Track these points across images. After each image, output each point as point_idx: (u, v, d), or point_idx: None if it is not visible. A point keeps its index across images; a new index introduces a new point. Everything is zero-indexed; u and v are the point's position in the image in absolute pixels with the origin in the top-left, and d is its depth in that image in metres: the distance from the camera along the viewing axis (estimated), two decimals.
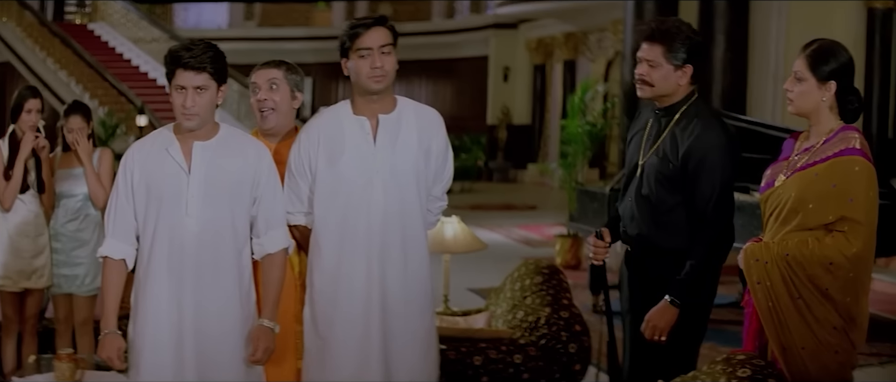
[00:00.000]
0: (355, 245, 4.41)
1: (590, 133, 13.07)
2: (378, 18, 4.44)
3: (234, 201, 4.32)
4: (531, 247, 15.01)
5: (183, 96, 4.19)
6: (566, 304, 6.45)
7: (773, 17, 14.01)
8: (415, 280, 4.49)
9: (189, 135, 4.30)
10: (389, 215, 4.42)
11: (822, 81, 4.23)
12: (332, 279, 4.43)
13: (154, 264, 4.27)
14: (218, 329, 4.29)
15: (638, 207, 4.67)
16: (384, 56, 4.38)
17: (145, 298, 4.29)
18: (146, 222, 4.30)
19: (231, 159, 4.32)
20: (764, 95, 14.01)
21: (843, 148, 4.17)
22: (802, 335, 4.19)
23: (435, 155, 4.55)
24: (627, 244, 4.80)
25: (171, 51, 4.24)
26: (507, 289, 6.85)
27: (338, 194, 4.42)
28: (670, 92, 4.60)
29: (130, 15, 28.74)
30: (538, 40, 26.94)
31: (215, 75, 4.23)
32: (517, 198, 22.73)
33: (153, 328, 4.27)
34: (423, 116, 4.56)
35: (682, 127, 4.56)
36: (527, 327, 6.34)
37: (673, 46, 4.53)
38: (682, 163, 4.52)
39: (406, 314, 4.46)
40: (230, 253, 4.32)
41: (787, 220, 4.24)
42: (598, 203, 10.30)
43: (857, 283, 4.17)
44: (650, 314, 4.55)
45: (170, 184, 4.26)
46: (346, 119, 4.47)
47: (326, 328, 4.45)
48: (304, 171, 4.49)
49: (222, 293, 4.29)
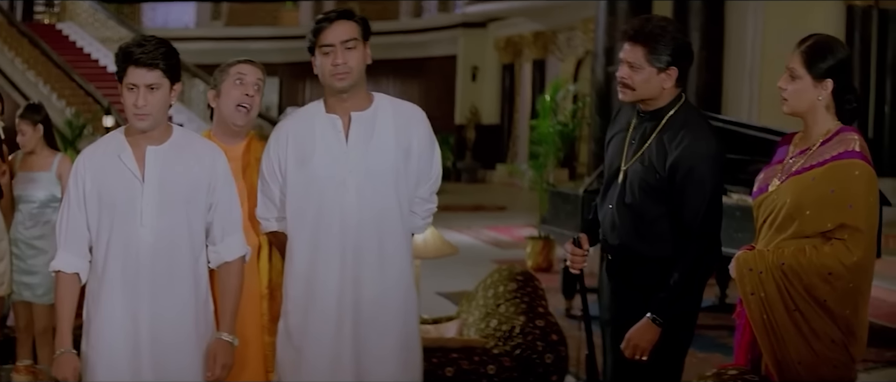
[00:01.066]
0: (328, 249, 4.23)
1: (561, 133, 12.93)
2: (342, 12, 4.25)
3: (191, 208, 4.16)
4: (501, 249, 14.92)
5: (135, 95, 4.01)
6: (542, 312, 6.27)
7: (750, 16, 13.94)
8: (393, 286, 4.30)
9: (142, 138, 4.12)
10: (364, 218, 4.24)
11: (818, 80, 4.03)
12: (304, 284, 4.27)
13: (108, 276, 4.10)
14: (175, 341, 4.13)
15: (620, 216, 4.44)
16: (348, 52, 4.19)
17: (99, 312, 4.12)
18: (99, 232, 4.13)
19: (186, 163, 4.16)
20: (740, 94, 13.92)
21: (841, 151, 3.97)
22: (799, 348, 3.99)
23: (417, 154, 4.35)
24: (608, 253, 4.59)
25: (122, 48, 4.06)
26: (479, 296, 6.65)
27: (309, 196, 4.25)
28: (654, 96, 4.37)
29: (98, 15, 28.95)
30: (507, 39, 26.90)
31: (168, 73, 4.06)
32: (486, 199, 22.61)
33: (108, 343, 4.10)
34: (402, 112, 4.38)
35: (669, 135, 4.34)
36: (501, 336, 6.16)
37: (656, 48, 4.29)
38: (669, 173, 4.30)
39: (381, 320, 4.27)
40: (186, 262, 4.16)
41: (782, 227, 4.04)
42: (571, 205, 10.13)
43: (857, 294, 3.98)
44: (631, 333, 4.34)
45: (123, 193, 4.09)
46: (317, 118, 4.30)
47: (300, 338, 4.28)
48: (274, 174, 4.33)
49: (179, 303, 4.13)
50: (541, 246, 12.67)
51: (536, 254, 12.66)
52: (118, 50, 4.07)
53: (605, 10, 13.10)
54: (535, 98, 24.00)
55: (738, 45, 13.90)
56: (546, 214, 10.90)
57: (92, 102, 23.26)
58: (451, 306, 9.52)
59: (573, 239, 4.66)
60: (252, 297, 4.56)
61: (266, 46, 31.07)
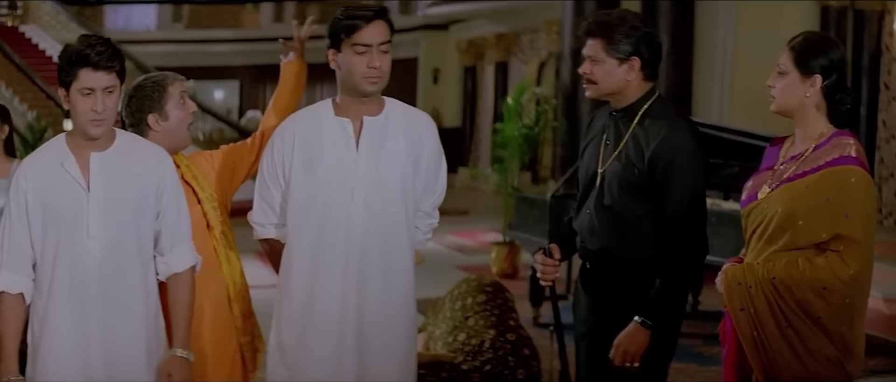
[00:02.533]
0: (331, 264, 3.99)
1: (526, 137, 12.76)
2: (379, 11, 4.00)
3: (139, 217, 3.94)
4: (465, 255, 14.73)
5: (92, 100, 3.77)
6: (513, 325, 6.13)
7: (721, 16, 13.80)
8: (397, 303, 4.08)
9: (85, 145, 3.89)
10: (370, 231, 4.00)
11: (806, 76, 3.84)
12: (303, 300, 4.02)
13: (55, 295, 3.87)
14: (128, 362, 3.92)
15: (599, 218, 4.25)
16: (383, 55, 3.96)
17: (46, 334, 3.89)
18: (44, 248, 3.88)
19: (132, 168, 3.94)
20: (710, 96, 13.78)
21: (836, 156, 3.77)
22: (792, 367, 3.78)
23: (425, 165, 4.13)
24: (586, 260, 4.39)
25: (72, 50, 3.80)
26: (446, 308, 6.46)
27: (313, 205, 4.00)
28: (618, 89, 4.20)
29: (60, 17, 28.75)
30: (469, 42, 26.77)
31: (120, 74, 3.85)
32: (448, 203, 21.84)
33: (57, 366, 3.87)
34: (413, 120, 4.15)
35: (645, 128, 4.16)
36: (470, 351, 5.99)
37: (613, 38, 4.14)
38: (648, 168, 4.11)
39: (385, 343, 4.05)
40: (137, 276, 3.94)
41: (773, 238, 3.82)
42: (539, 211, 9.94)
43: (853, 308, 3.77)
44: (620, 339, 4.12)
45: (68, 204, 3.86)
46: (326, 121, 4.04)
47: (295, 356, 4.05)
48: (277, 178, 4.07)
49: (131, 320, 3.91)
50: (506, 252, 12.48)
51: (501, 260, 12.48)
52: (65, 52, 3.83)
53: (571, 11, 12.94)
54: (497, 101, 23.93)
55: (709, 46, 13.77)
56: (513, 220, 10.73)
57: (53, 106, 23.04)
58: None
59: (543, 249, 4.45)
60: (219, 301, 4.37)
61: (227, 49, 30.88)
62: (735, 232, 7.69)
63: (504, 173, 12.85)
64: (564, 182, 10.29)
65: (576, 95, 12.78)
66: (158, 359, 3.98)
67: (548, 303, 9.64)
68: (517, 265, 12.39)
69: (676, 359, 7.67)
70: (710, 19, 13.79)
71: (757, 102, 13.48)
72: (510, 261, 12.44)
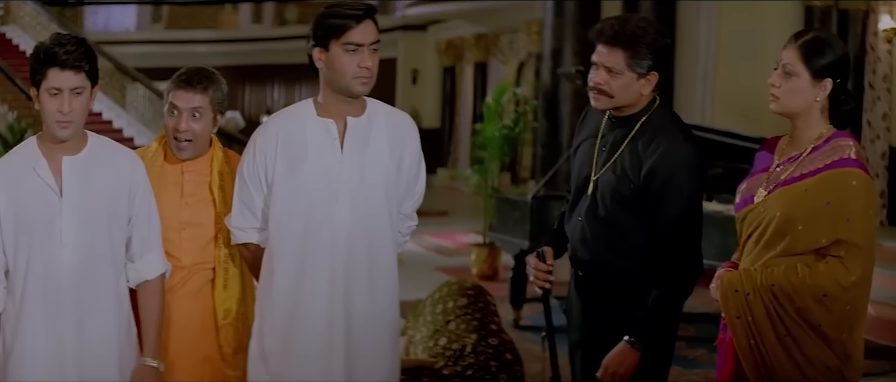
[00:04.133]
0: (315, 271, 3.85)
1: (506, 137, 12.67)
2: (368, 9, 3.84)
3: (112, 222, 3.85)
4: (445, 256, 14.62)
5: (59, 101, 3.69)
6: (495, 330, 5.99)
7: (703, 16, 13.72)
8: (383, 310, 3.96)
9: (56, 148, 3.79)
10: (356, 234, 3.87)
11: (817, 78, 3.67)
12: (288, 305, 3.88)
13: (28, 303, 3.77)
14: (101, 367, 3.82)
15: (591, 229, 4.09)
16: (374, 55, 3.83)
17: (18, 343, 3.78)
18: (17, 255, 3.78)
19: (105, 172, 3.86)
20: (692, 96, 13.69)
21: (836, 159, 3.62)
22: (790, 376, 3.64)
23: (407, 166, 4.01)
24: (577, 269, 4.23)
25: (42, 48, 3.70)
26: (426, 312, 6.32)
27: (297, 209, 3.86)
28: (631, 103, 4.01)
29: (41, 18, 28.62)
30: (448, 42, 26.73)
31: (90, 75, 3.75)
32: (427, 204, 21.90)
33: (29, 373, 3.77)
34: (396, 121, 4.02)
35: (643, 141, 3.98)
36: (451, 355, 5.83)
37: (638, 52, 3.91)
38: (644, 183, 3.95)
39: (373, 346, 3.93)
40: (109, 283, 3.86)
41: (770, 243, 3.68)
42: (520, 212, 9.82)
43: (853, 315, 3.64)
44: (608, 360, 3.98)
45: (40, 210, 3.76)
46: (309, 121, 3.90)
47: (279, 364, 3.91)
48: (259, 180, 3.91)
49: (104, 328, 3.83)
50: (486, 253, 12.41)
51: (481, 261, 12.41)
52: (36, 50, 3.72)
53: (552, 11, 12.80)
54: (476, 101, 23.91)
55: (691, 45, 13.67)
56: (494, 221, 10.63)
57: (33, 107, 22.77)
58: None
59: (536, 252, 4.29)
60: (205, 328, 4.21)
61: (206, 50, 30.87)
62: (718, 234, 7.59)
63: (484, 173, 12.79)
64: (545, 183, 10.20)
65: (556, 96, 12.67)
66: (130, 367, 3.88)
67: (529, 305, 9.58)
68: (497, 266, 12.32)
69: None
70: (692, 19, 13.70)
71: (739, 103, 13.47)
72: (490, 263, 12.38)
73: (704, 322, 8.82)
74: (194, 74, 4.25)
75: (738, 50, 12.85)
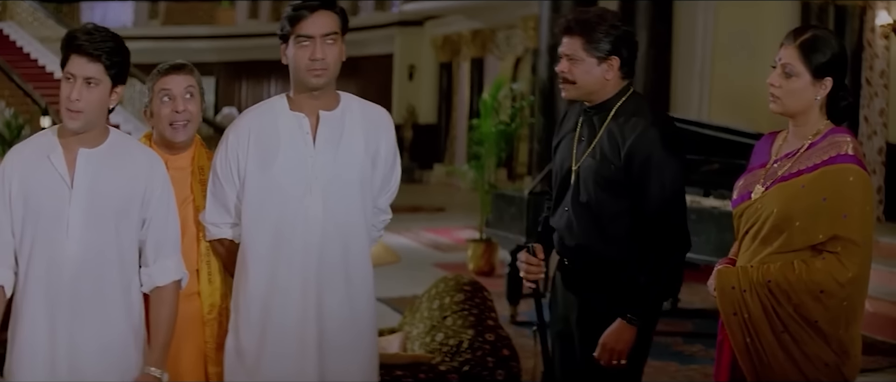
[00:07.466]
0: (290, 266, 3.86)
1: (503, 133, 12.62)
2: (325, 1, 3.83)
3: (121, 223, 3.74)
4: (442, 252, 14.58)
5: (69, 87, 3.61)
6: (491, 325, 5.93)
7: (700, 13, 13.68)
8: (359, 308, 3.96)
9: (75, 140, 3.70)
10: (329, 231, 3.87)
11: (818, 77, 3.64)
12: (261, 305, 3.88)
13: (30, 290, 3.69)
14: (99, 371, 3.70)
15: (576, 216, 4.14)
16: (328, 46, 3.81)
17: (19, 333, 3.71)
18: (23, 240, 3.71)
19: (120, 170, 3.75)
20: (689, 94, 13.65)
21: (833, 155, 3.59)
22: (787, 373, 3.61)
23: (383, 160, 4.03)
24: (565, 257, 4.27)
25: (69, 32, 3.65)
26: (423, 308, 6.27)
27: (269, 204, 3.86)
28: (596, 88, 4.12)
29: (38, 14, 28.69)
30: (444, 38, 26.65)
31: (110, 69, 3.63)
32: (424, 200, 22.25)
33: (28, 365, 3.70)
34: (370, 114, 4.01)
35: (620, 124, 4.07)
36: (448, 351, 5.78)
37: (593, 37, 4.06)
38: (625, 163, 4.02)
39: (348, 347, 3.92)
40: (116, 285, 3.74)
41: (767, 240, 3.65)
42: (516, 208, 9.83)
43: (851, 311, 3.60)
44: (606, 337, 4.03)
45: (49, 198, 3.68)
46: (281, 116, 3.90)
47: (255, 360, 3.90)
48: (231, 176, 3.92)
49: (105, 333, 3.71)
50: (482, 249, 12.36)
51: (478, 257, 12.36)
52: (65, 35, 3.67)
53: (548, 8, 12.82)
54: (473, 97, 23.83)
55: (688, 43, 13.65)
56: (490, 217, 10.62)
57: (30, 103, 22.92)
58: (390, 312, 9.19)
59: (527, 248, 4.34)
60: (193, 323, 4.12)
61: (203, 45, 30.90)
62: (715, 229, 7.61)
63: (480, 169, 12.75)
64: (542, 179, 10.18)
65: (552, 92, 12.67)
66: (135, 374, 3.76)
67: (526, 301, 9.56)
68: (494, 262, 12.28)
69: (657, 358, 7.64)
70: (689, 17, 13.69)
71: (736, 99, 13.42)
72: (487, 258, 12.34)
73: (701, 318, 8.84)
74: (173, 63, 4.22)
75: (735, 46, 12.81)
